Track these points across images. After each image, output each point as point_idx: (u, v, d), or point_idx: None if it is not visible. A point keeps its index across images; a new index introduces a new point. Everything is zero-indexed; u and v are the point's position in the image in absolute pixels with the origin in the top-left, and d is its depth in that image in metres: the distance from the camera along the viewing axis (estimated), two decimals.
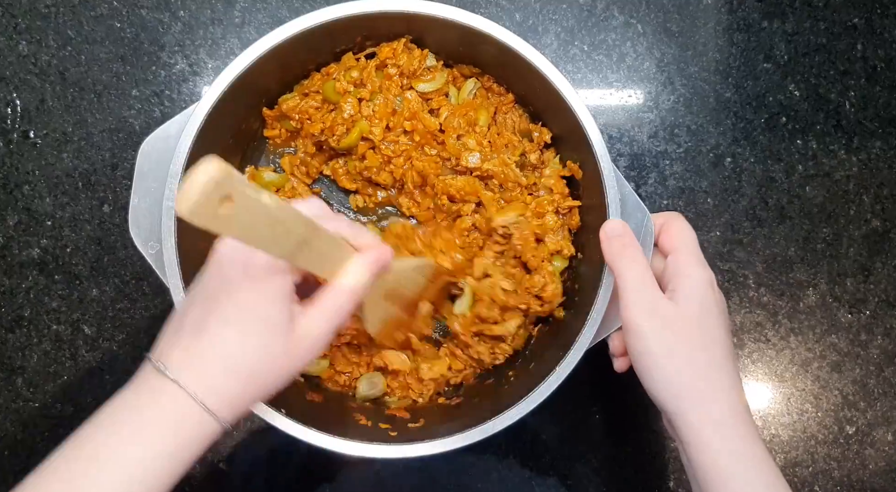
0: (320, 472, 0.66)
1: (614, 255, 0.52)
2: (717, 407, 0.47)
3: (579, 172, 0.60)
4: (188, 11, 0.69)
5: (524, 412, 0.53)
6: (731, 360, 0.49)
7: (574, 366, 0.53)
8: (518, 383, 0.58)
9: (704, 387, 0.48)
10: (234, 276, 0.41)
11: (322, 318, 0.43)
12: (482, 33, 0.56)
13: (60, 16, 0.68)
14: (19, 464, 0.65)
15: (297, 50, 0.57)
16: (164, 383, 0.40)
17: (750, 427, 0.47)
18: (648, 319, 0.48)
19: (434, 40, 0.62)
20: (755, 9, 0.72)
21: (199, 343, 0.41)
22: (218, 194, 0.31)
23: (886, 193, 0.71)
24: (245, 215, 0.34)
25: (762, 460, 0.46)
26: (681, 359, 0.48)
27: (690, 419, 0.47)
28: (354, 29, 0.59)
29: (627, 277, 0.50)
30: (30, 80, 0.68)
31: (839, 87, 0.72)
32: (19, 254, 0.67)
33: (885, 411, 0.69)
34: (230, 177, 0.32)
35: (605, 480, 0.67)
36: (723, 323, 0.50)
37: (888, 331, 0.70)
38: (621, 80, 0.71)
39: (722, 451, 0.46)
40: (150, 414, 0.40)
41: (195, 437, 0.40)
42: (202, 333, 0.41)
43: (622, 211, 0.55)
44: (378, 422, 0.57)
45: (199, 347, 0.40)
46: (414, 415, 0.59)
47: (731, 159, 0.71)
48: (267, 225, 0.36)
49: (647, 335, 0.48)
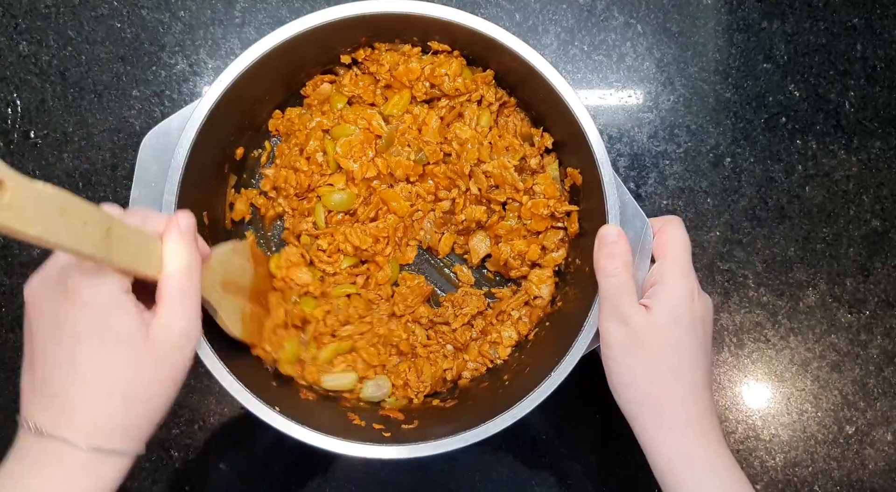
0: (317, 471, 0.66)
1: (599, 263, 0.52)
2: (671, 413, 0.49)
3: (579, 178, 0.60)
4: (188, 11, 0.69)
5: (518, 417, 0.53)
6: (698, 369, 0.50)
7: (570, 371, 0.54)
8: (513, 388, 0.58)
9: (661, 394, 0.49)
10: (58, 308, 0.38)
11: (173, 312, 0.40)
12: (482, 35, 0.56)
13: (61, 16, 0.68)
14: None
15: (297, 50, 0.57)
16: (45, 444, 0.37)
17: (708, 431, 0.49)
18: (618, 328, 0.50)
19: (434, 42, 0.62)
20: (755, 9, 0.72)
21: (61, 394, 0.38)
22: None
23: (886, 192, 0.71)
24: (29, 203, 0.31)
25: (716, 461, 0.48)
26: (641, 368, 0.49)
27: (645, 424, 0.49)
28: (354, 30, 0.59)
29: (605, 286, 0.51)
30: (30, 81, 0.68)
31: (839, 87, 0.72)
32: (19, 254, 0.67)
33: (884, 411, 0.69)
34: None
35: (605, 480, 0.67)
36: (696, 333, 0.51)
37: (888, 331, 0.70)
38: (621, 80, 0.71)
39: (676, 456, 0.48)
40: (37, 483, 0.37)
41: (97, 485, 0.38)
42: (59, 383, 0.38)
43: (621, 218, 0.54)
44: (372, 422, 0.57)
45: (63, 396, 0.38)
46: (408, 416, 0.59)
47: (730, 159, 0.71)
48: (60, 214, 0.33)
49: (614, 345, 0.50)
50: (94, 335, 0.38)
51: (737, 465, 0.49)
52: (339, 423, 0.56)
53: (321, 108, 0.64)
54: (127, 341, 0.38)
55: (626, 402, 0.51)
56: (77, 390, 0.38)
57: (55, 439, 0.37)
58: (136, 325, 0.39)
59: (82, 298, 0.38)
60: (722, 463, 0.48)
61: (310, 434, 0.52)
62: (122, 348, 0.38)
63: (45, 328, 0.39)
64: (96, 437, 0.38)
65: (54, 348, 0.38)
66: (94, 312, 0.38)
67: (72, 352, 0.38)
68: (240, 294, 0.55)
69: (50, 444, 0.37)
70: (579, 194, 0.61)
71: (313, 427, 0.52)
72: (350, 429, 0.56)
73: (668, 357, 0.49)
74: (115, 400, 0.38)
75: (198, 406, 0.66)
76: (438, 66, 0.61)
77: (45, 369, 0.39)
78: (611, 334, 0.50)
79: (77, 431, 0.37)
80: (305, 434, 0.52)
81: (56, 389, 0.38)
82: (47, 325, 0.39)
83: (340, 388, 0.61)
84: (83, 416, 0.38)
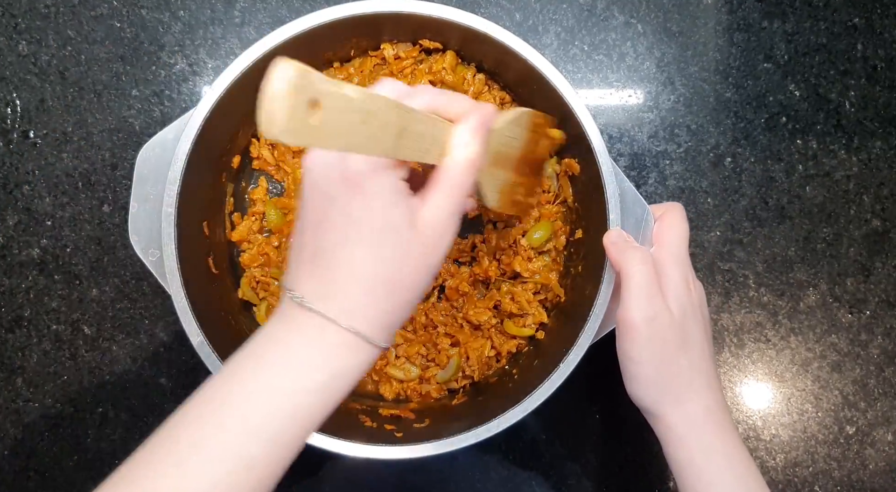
0: (317, 471, 0.66)
1: (620, 254, 0.51)
2: (692, 407, 0.49)
3: (576, 167, 0.60)
4: (188, 11, 0.69)
5: (529, 409, 0.53)
6: (707, 359, 0.51)
7: (578, 361, 0.54)
8: (522, 381, 0.59)
9: (682, 389, 0.50)
10: (336, 191, 0.38)
11: (444, 199, 0.40)
12: (482, 34, 0.56)
13: (60, 16, 0.68)
14: (19, 464, 0.65)
15: (297, 50, 0.57)
16: (307, 316, 0.38)
17: (724, 422, 0.50)
18: (647, 325, 0.49)
19: (424, 38, 0.62)
20: (755, 9, 0.72)
21: (329, 272, 0.38)
22: (304, 100, 0.28)
23: (886, 192, 0.71)
24: (337, 118, 0.30)
25: (733, 453, 0.49)
26: (664, 363, 0.49)
27: (668, 420, 0.50)
28: (354, 29, 0.59)
29: (635, 278, 0.49)
30: (30, 80, 0.68)
31: (839, 87, 0.72)
32: (19, 254, 0.67)
33: (885, 411, 0.69)
34: (309, 76, 0.28)
35: (605, 480, 0.67)
36: (700, 321, 0.52)
37: (888, 331, 0.70)
38: (621, 80, 0.71)
39: (696, 448, 0.49)
40: (298, 346, 0.37)
41: (348, 366, 0.38)
42: (329, 261, 0.38)
43: (622, 206, 0.55)
44: (383, 423, 0.57)
45: (331, 275, 0.38)
46: (419, 415, 0.59)
47: (731, 159, 0.71)
48: (362, 123, 0.32)
49: (642, 342, 0.49)
50: (370, 223, 0.38)
51: (751, 458, 0.50)
52: (346, 423, 0.56)
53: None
54: (399, 230, 0.38)
55: (649, 400, 0.50)
56: (348, 272, 0.38)
57: (317, 314, 0.37)
58: (408, 214, 0.39)
59: (363, 186, 0.38)
60: (738, 456, 0.49)
61: (322, 439, 0.51)
62: (393, 237, 0.38)
63: (321, 206, 0.39)
64: (356, 321, 0.38)
65: (328, 228, 0.38)
66: (373, 201, 0.38)
67: (345, 235, 0.38)
68: (506, 165, 0.52)
69: (312, 317, 0.38)
70: (578, 186, 0.61)
71: (324, 431, 0.51)
72: (361, 431, 0.56)
73: (687, 351, 0.50)
74: (381, 287, 0.39)
75: None
76: (435, 63, 0.61)
77: (317, 244, 0.39)
78: (640, 332, 0.48)
79: (339, 309, 0.38)
80: (318, 439, 0.51)
81: (325, 266, 0.38)
82: (324, 203, 0.39)
83: (406, 378, 0.62)
84: (349, 298, 0.38)
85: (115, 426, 0.66)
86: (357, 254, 0.38)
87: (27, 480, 0.65)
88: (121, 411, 0.66)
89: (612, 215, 0.55)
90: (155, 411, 0.66)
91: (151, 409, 0.66)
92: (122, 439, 0.66)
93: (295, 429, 0.37)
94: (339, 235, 0.38)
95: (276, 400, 0.36)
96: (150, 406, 0.66)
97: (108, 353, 0.66)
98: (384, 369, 0.63)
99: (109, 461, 0.65)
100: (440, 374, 0.63)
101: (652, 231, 0.55)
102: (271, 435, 0.36)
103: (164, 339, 0.66)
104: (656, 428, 0.51)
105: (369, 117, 0.32)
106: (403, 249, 0.39)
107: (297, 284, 0.39)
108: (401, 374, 0.63)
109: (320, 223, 0.39)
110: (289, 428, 0.37)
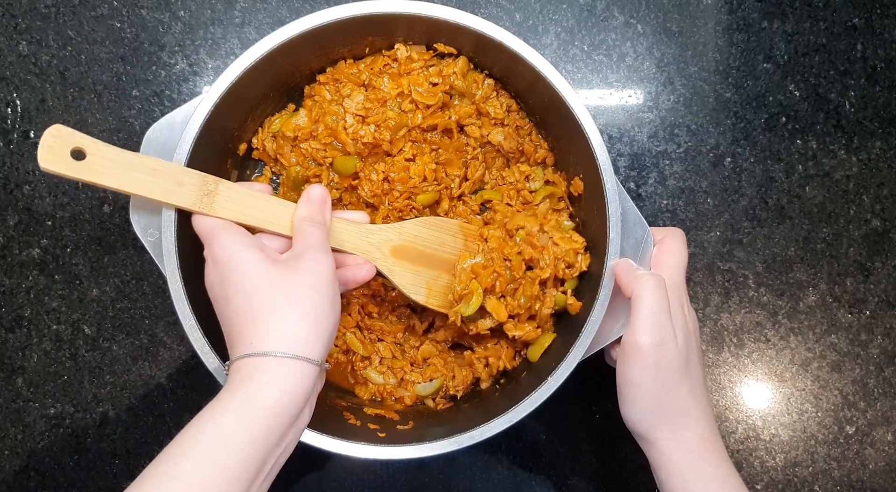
0: (316, 470, 0.66)
1: (634, 279, 0.51)
2: (688, 434, 0.50)
3: (580, 186, 0.60)
4: (188, 11, 0.69)
5: (512, 422, 0.52)
6: (703, 386, 0.52)
7: (565, 378, 0.53)
8: (508, 392, 0.58)
9: (679, 416, 0.50)
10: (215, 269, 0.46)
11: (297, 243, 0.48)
12: (482, 35, 0.56)
13: (60, 16, 0.68)
14: (19, 464, 0.65)
15: (297, 50, 0.57)
16: (251, 362, 0.42)
17: (719, 450, 0.50)
18: (655, 350, 0.49)
19: (435, 42, 0.62)
20: (755, 9, 0.72)
21: (262, 327, 0.43)
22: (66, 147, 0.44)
23: (886, 193, 0.71)
24: (109, 165, 0.46)
25: (727, 480, 0.49)
26: (664, 389, 0.49)
27: (662, 446, 0.50)
28: (365, 29, 0.59)
29: (647, 302, 0.49)
30: (30, 80, 0.68)
31: (839, 87, 0.72)
32: (19, 254, 0.67)
33: (885, 411, 0.69)
34: (72, 135, 0.45)
35: (605, 480, 0.67)
36: (696, 349, 0.52)
37: (888, 331, 0.70)
38: (621, 80, 0.71)
39: (691, 475, 0.49)
40: (254, 386, 0.41)
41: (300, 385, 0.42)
42: (257, 321, 0.43)
43: (622, 226, 0.54)
44: (367, 423, 0.57)
45: (263, 329, 0.43)
46: (403, 417, 0.59)
47: (731, 159, 0.71)
48: (145, 173, 0.47)
49: (647, 367, 0.49)
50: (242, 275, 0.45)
51: (745, 486, 0.50)
52: (333, 422, 0.56)
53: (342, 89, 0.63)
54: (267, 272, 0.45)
55: (646, 426, 0.50)
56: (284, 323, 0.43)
57: (258, 356, 0.42)
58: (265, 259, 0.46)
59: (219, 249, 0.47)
60: (733, 484, 0.49)
61: (309, 434, 0.51)
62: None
63: (216, 288, 0.46)
64: (292, 347, 0.42)
65: (224, 301, 0.45)
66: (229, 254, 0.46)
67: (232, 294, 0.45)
68: (431, 264, 0.59)
69: (255, 360, 0.42)
70: (581, 202, 0.61)
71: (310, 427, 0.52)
72: (345, 429, 0.56)
73: (687, 379, 0.50)
74: (296, 317, 0.44)
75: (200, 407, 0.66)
76: (446, 67, 0.61)
77: (225, 320, 0.45)
78: (647, 358, 0.49)
79: (274, 346, 0.42)
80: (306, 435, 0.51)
81: (257, 328, 0.43)
82: (216, 285, 0.46)
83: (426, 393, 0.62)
84: (287, 333, 0.43)
85: (115, 426, 0.66)
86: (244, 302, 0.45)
87: (27, 480, 0.65)
88: (121, 411, 0.66)
89: (613, 234, 0.54)
90: (155, 411, 0.66)
91: (151, 409, 0.66)
92: (122, 439, 0.66)
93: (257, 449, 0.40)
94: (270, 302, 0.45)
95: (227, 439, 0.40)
96: (150, 406, 0.66)
97: (108, 353, 0.66)
98: (362, 372, 0.63)
99: (109, 461, 0.65)
100: (420, 386, 0.62)
101: (651, 254, 0.54)
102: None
103: (164, 339, 0.66)
104: (649, 453, 0.51)
105: (156, 172, 0.48)
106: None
107: (238, 350, 0.44)
108: (379, 379, 0.62)
109: (217, 301, 0.46)
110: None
